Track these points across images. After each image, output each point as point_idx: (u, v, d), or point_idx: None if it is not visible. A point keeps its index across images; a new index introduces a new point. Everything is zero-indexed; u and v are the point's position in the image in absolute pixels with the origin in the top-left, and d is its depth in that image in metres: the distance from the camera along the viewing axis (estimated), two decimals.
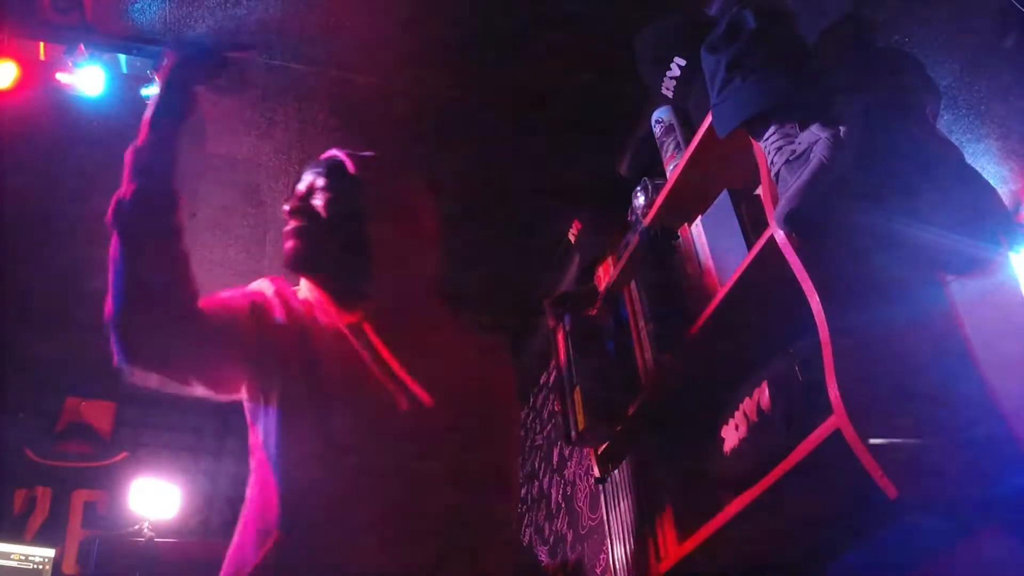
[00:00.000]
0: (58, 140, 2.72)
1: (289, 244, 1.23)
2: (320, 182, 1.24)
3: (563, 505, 3.28)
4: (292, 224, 1.23)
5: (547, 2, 2.33)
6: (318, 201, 1.22)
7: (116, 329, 1.12)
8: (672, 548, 1.71)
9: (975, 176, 1.41)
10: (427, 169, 2.88)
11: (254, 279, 1.32)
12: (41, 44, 2.40)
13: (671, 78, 1.84)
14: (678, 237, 1.89)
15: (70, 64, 2.33)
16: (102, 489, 3.86)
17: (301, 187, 1.28)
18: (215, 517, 4.04)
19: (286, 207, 1.26)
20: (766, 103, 1.40)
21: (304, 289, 1.29)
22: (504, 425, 1.35)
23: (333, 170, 1.25)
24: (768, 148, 1.40)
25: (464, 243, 3.24)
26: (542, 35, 2.42)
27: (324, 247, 1.21)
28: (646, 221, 2.00)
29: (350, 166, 1.24)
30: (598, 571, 2.80)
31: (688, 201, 1.86)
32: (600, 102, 2.63)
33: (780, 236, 1.37)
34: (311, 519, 1.09)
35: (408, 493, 1.14)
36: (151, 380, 1.18)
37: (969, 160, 1.46)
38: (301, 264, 1.23)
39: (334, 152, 1.29)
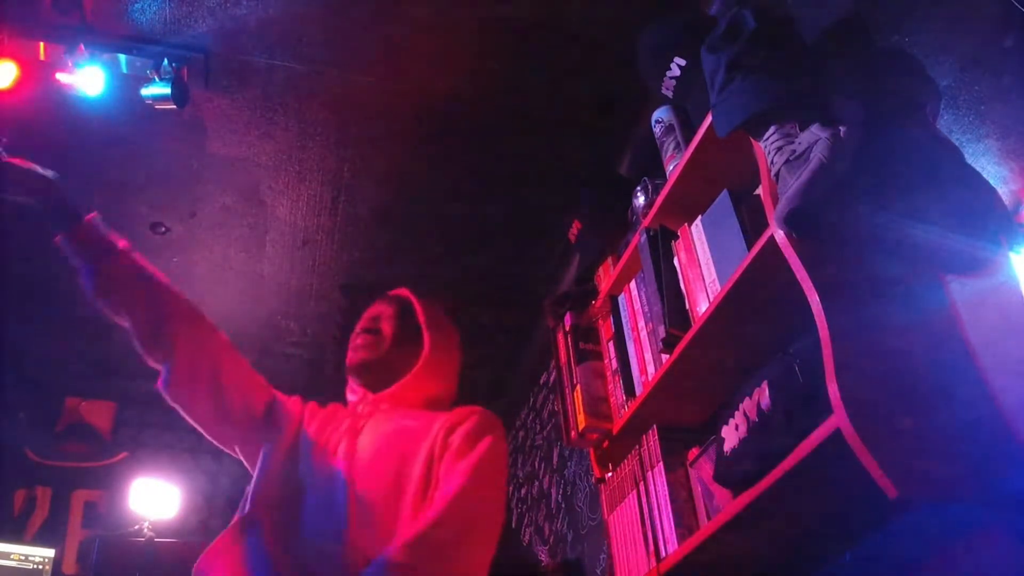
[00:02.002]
0: (58, 140, 2.72)
1: (359, 355, 1.58)
2: (389, 311, 1.62)
3: (563, 505, 3.28)
4: (363, 339, 1.59)
5: (547, 2, 2.33)
6: (386, 326, 1.60)
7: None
8: (672, 548, 1.71)
9: (975, 176, 1.41)
10: (427, 169, 2.90)
11: (254, 279, 1.44)
12: (41, 44, 2.40)
13: (671, 78, 1.84)
14: (678, 237, 1.89)
15: (70, 64, 2.33)
16: (102, 489, 3.86)
17: (372, 312, 1.64)
18: (215, 517, 4.04)
19: (359, 328, 1.62)
20: (766, 103, 1.40)
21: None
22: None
23: (401, 304, 1.64)
24: (768, 148, 1.40)
25: (464, 243, 3.25)
26: (542, 35, 2.42)
27: (384, 360, 1.57)
28: (646, 221, 2.00)
29: (416, 307, 1.63)
30: (598, 571, 2.80)
31: (688, 201, 1.86)
32: (600, 102, 2.63)
33: (780, 236, 1.37)
34: None
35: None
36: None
37: (969, 160, 1.46)
38: (362, 370, 1.57)
39: (402, 291, 1.68)
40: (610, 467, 2.11)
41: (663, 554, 1.75)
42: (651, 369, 1.91)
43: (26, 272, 3.32)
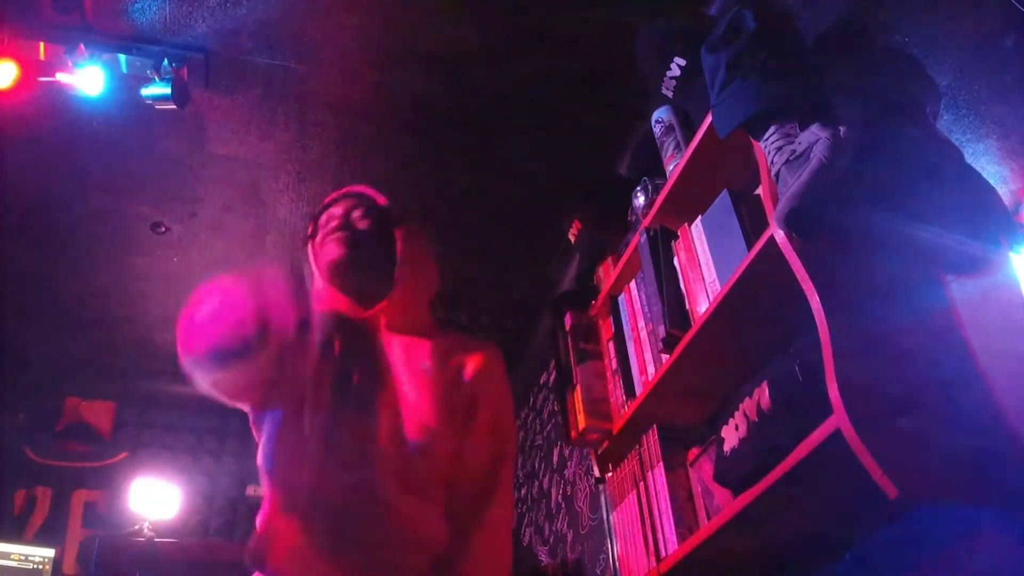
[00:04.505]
0: (58, 140, 2.72)
1: (337, 252, 1.38)
2: (358, 210, 1.44)
3: (563, 505, 3.28)
4: (339, 235, 1.39)
5: (547, 3, 2.33)
6: (361, 224, 1.42)
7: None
8: (672, 548, 1.71)
9: (975, 176, 1.41)
10: (427, 169, 2.90)
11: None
12: (41, 44, 2.39)
13: (671, 78, 1.84)
14: (678, 237, 1.90)
15: (70, 64, 2.33)
16: (102, 489, 3.86)
17: (337, 211, 1.44)
18: (215, 517, 4.04)
19: (331, 223, 1.42)
20: (766, 103, 1.40)
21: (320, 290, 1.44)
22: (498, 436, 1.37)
23: (366, 199, 1.46)
24: (768, 148, 1.40)
25: (465, 243, 3.25)
26: (542, 35, 2.42)
27: (366, 258, 1.39)
28: (646, 221, 2.00)
29: (380, 200, 1.47)
30: (598, 571, 2.80)
31: (688, 201, 1.86)
32: (600, 102, 2.63)
33: (780, 236, 1.37)
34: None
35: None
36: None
37: (969, 160, 1.46)
38: (344, 269, 1.39)
39: (358, 188, 1.50)
40: (610, 467, 2.11)
41: (663, 554, 1.75)
42: (651, 369, 1.91)
43: (26, 272, 3.32)
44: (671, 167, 1.95)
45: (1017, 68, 1.61)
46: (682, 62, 1.80)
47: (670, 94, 1.88)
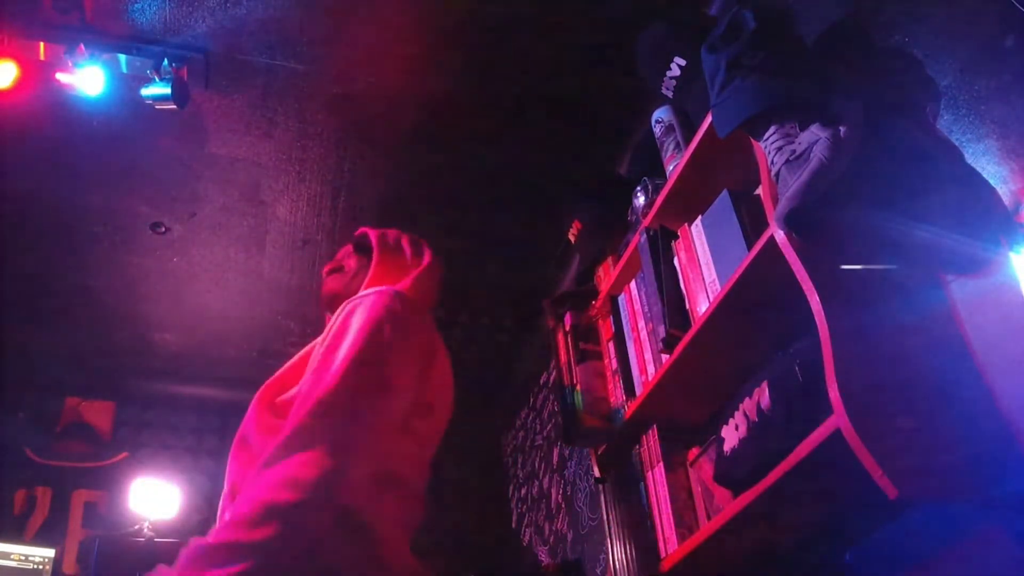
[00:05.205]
0: (58, 140, 2.72)
1: (326, 288, 1.63)
2: (349, 249, 1.68)
3: (563, 505, 3.28)
4: (330, 277, 1.64)
5: (547, 3, 2.33)
6: (348, 261, 1.66)
7: None
8: (672, 548, 1.71)
9: (975, 176, 1.41)
10: (427, 169, 2.90)
11: (254, 279, 1.40)
12: (41, 44, 2.40)
13: (671, 78, 1.84)
14: (678, 237, 1.90)
15: (70, 64, 2.33)
16: (102, 489, 3.86)
17: (340, 255, 1.70)
18: (215, 517, 4.05)
19: (325, 270, 1.69)
20: (766, 103, 1.40)
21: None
22: None
23: (360, 240, 1.68)
24: (768, 148, 1.40)
25: (465, 243, 3.25)
26: (542, 36, 2.42)
27: (346, 289, 1.59)
28: (646, 221, 2.00)
29: (372, 239, 1.64)
30: (598, 571, 2.81)
31: (688, 201, 1.86)
32: (600, 102, 2.63)
33: (780, 236, 1.37)
34: None
35: None
36: None
37: (969, 160, 1.46)
38: (333, 304, 1.57)
39: (364, 229, 1.70)
40: (610, 467, 2.11)
41: (663, 554, 1.75)
42: (651, 369, 1.91)
43: (27, 271, 3.32)
44: (671, 167, 1.95)
45: (1017, 68, 1.61)
46: (682, 62, 1.80)
47: (670, 94, 1.88)
